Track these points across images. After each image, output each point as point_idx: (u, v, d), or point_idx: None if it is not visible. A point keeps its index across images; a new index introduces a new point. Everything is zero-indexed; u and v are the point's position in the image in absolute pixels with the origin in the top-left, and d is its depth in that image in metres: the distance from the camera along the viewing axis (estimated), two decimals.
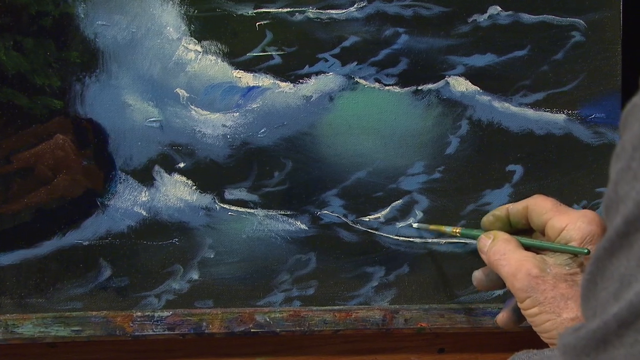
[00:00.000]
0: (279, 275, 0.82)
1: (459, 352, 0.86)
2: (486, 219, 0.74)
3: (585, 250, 0.65)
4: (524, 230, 0.73)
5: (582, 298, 0.46)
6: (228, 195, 0.81)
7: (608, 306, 0.42)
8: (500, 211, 0.73)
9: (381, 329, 0.82)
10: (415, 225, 0.82)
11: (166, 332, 0.80)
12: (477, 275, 0.75)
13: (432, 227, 0.81)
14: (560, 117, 0.83)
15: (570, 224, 0.67)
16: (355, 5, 0.81)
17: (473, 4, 0.81)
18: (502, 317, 0.74)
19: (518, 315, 0.72)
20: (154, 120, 0.80)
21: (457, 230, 0.77)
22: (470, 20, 0.81)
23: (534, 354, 0.62)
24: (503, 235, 0.70)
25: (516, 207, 0.72)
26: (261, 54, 0.81)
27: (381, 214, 0.82)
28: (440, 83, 0.82)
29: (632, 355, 0.40)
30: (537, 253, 0.69)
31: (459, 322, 0.82)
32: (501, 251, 0.68)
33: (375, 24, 0.81)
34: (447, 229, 0.78)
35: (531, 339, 0.68)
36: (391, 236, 0.83)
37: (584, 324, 0.45)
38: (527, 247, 0.70)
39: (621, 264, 0.42)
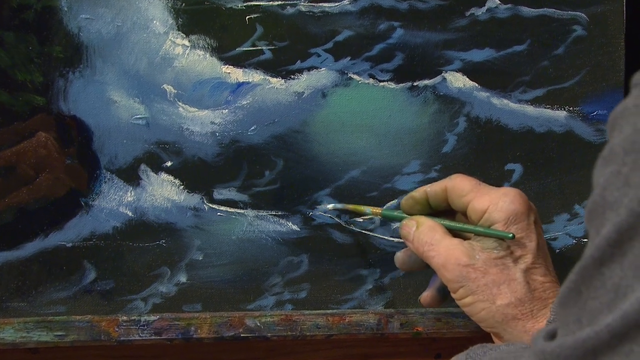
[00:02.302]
0: (269, 278, 0.81)
1: None
2: (405, 202, 0.73)
3: (510, 235, 0.65)
4: (445, 212, 0.72)
5: (560, 305, 0.45)
6: (217, 195, 0.81)
7: (600, 316, 0.41)
8: (418, 193, 0.72)
9: (376, 333, 0.81)
10: (330, 206, 0.80)
11: (153, 337, 0.79)
12: (400, 256, 0.75)
13: (350, 207, 0.79)
14: (561, 114, 0.82)
15: (492, 205, 0.67)
16: None
17: None
18: (427, 297, 0.74)
19: (442, 295, 0.73)
20: (140, 118, 0.79)
21: (378, 212, 0.76)
22: (467, 13, 0.81)
23: (489, 348, 0.62)
24: (427, 222, 0.69)
25: (434, 189, 0.71)
26: (251, 48, 0.80)
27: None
28: (437, 79, 0.81)
29: None
30: (464, 237, 0.68)
31: (457, 326, 0.81)
32: (428, 241, 0.68)
33: (370, 18, 0.80)
34: (367, 209, 0.77)
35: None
36: (386, 237, 0.82)
37: (562, 330, 0.44)
38: (452, 231, 0.69)
39: (614, 274, 0.41)
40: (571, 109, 0.82)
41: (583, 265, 0.43)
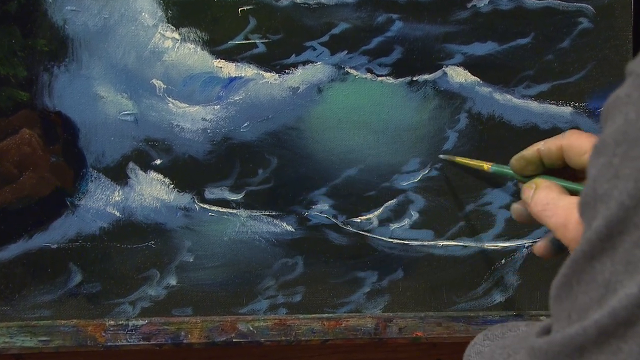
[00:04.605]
0: (263, 281, 0.81)
1: None
2: (517, 163, 0.69)
3: None
4: (559, 170, 0.69)
5: (554, 299, 0.45)
6: (208, 194, 0.80)
7: (590, 312, 0.41)
8: (529, 152, 0.68)
9: (373, 338, 0.80)
10: (441, 156, 0.80)
11: (141, 343, 0.79)
12: (517, 207, 0.71)
13: (458, 159, 0.79)
14: (567, 110, 0.81)
15: None
16: None
17: None
18: (540, 246, 0.70)
19: (557, 246, 0.69)
20: (128, 114, 0.79)
21: (488, 166, 0.75)
22: (469, 5, 0.80)
23: (508, 329, 0.61)
24: (544, 182, 0.66)
25: (548, 148, 0.67)
26: (244, 42, 0.79)
27: (374, 215, 0.81)
28: (437, 73, 0.80)
29: None
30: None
31: (458, 331, 0.81)
32: (544, 200, 0.64)
33: (367, 10, 0.80)
34: (475, 162, 0.77)
35: None
36: (384, 238, 0.81)
37: (555, 326, 0.44)
38: (572, 192, 0.66)
39: (605, 269, 0.41)
40: (577, 104, 0.81)
41: (574, 259, 0.43)
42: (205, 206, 0.80)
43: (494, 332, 0.61)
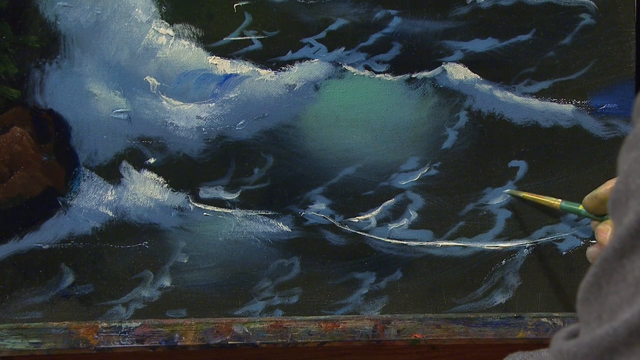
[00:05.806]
0: (259, 282, 0.80)
1: None
2: (590, 202, 0.69)
3: None
4: None
5: (582, 301, 0.44)
6: (203, 194, 0.80)
7: (620, 312, 0.40)
8: (602, 191, 0.68)
9: (371, 340, 0.80)
10: (506, 191, 0.80)
11: (135, 345, 0.78)
12: (594, 251, 0.69)
13: (524, 194, 0.79)
14: (568, 107, 0.81)
15: None
16: None
17: None
18: (594, 252, 0.69)
19: None
20: (121, 112, 0.78)
21: (557, 203, 0.75)
22: (469, 1, 0.80)
23: (529, 355, 0.60)
24: None
25: None
26: (239, 38, 0.79)
27: (372, 215, 0.80)
28: (437, 70, 0.80)
29: None
30: None
31: (457, 333, 0.80)
32: None
33: (365, 6, 0.79)
34: (545, 199, 0.77)
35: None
36: (383, 239, 0.81)
37: (584, 329, 0.43)
38: None
39: (635, 266, 0.40)
40: (579, 102, 0.80)
41: (604, 257, 0.42)
42: (200, 206, 0.79)
43: (514, 357, 0.60)
